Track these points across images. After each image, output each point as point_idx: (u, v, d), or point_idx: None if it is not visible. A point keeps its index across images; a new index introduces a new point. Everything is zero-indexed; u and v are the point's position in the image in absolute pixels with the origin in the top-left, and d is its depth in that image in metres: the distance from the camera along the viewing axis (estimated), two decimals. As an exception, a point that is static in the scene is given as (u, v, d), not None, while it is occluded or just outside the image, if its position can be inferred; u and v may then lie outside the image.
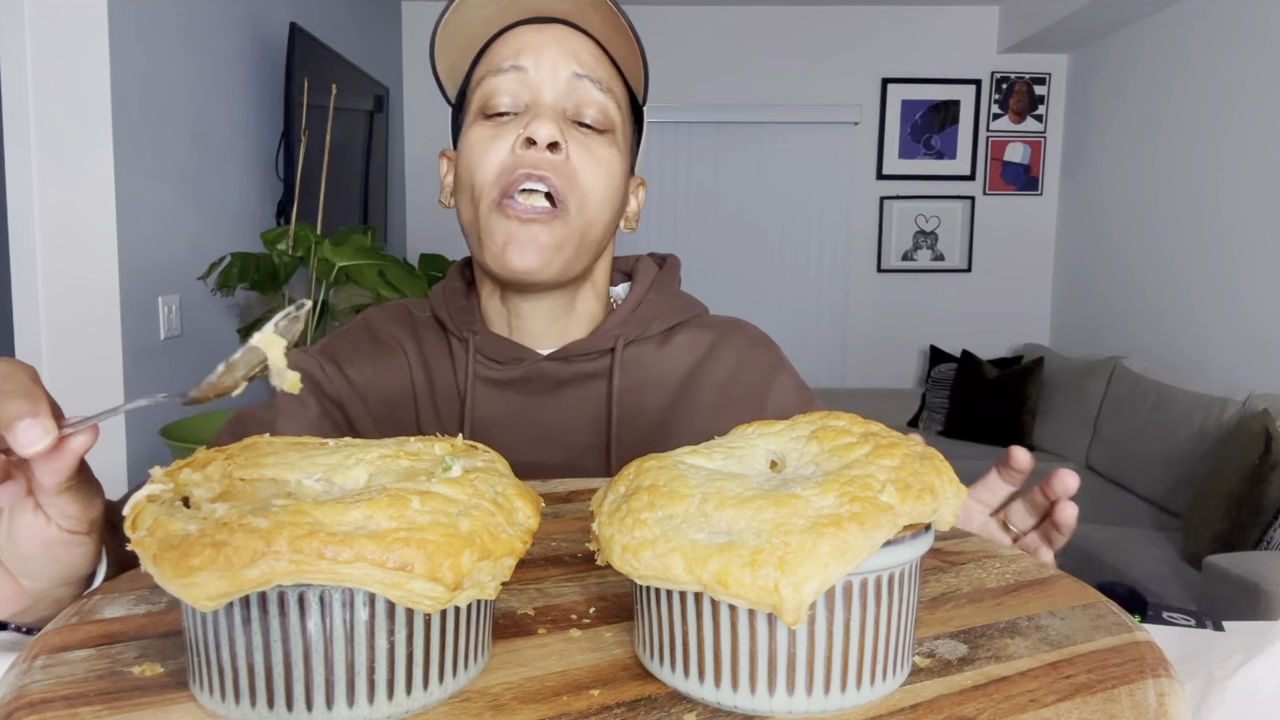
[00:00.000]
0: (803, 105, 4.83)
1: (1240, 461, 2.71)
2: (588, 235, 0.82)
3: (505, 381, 0.86)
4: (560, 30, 0.82)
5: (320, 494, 0.44)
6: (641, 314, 0.90)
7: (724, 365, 0.91)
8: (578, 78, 0.81)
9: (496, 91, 0.80)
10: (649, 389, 0.88)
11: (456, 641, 0.41)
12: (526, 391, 0.86)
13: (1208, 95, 3.64)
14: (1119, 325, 4.30)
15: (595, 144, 0.81)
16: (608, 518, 0.43)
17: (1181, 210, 3.81)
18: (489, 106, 0.81)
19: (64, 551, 0.50)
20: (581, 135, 0.81)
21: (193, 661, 0.41)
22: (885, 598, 0.40)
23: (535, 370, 0.86)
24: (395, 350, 0.90)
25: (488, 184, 0.80)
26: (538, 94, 0.80)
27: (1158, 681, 0.41)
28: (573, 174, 0.80)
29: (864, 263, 5.02)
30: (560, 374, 0.86)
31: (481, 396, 0.86)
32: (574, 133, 0.81)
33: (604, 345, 0.87)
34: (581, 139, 0.81)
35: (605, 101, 0.82)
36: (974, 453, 4.16)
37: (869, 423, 0.48)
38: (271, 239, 2.58)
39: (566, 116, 0.81)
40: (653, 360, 0.89)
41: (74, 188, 2.07)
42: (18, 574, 0.50)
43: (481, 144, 0.80)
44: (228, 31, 2.71)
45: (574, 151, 0.80)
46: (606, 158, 0.82)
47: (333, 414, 0.87)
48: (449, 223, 3.79)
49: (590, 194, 0.81)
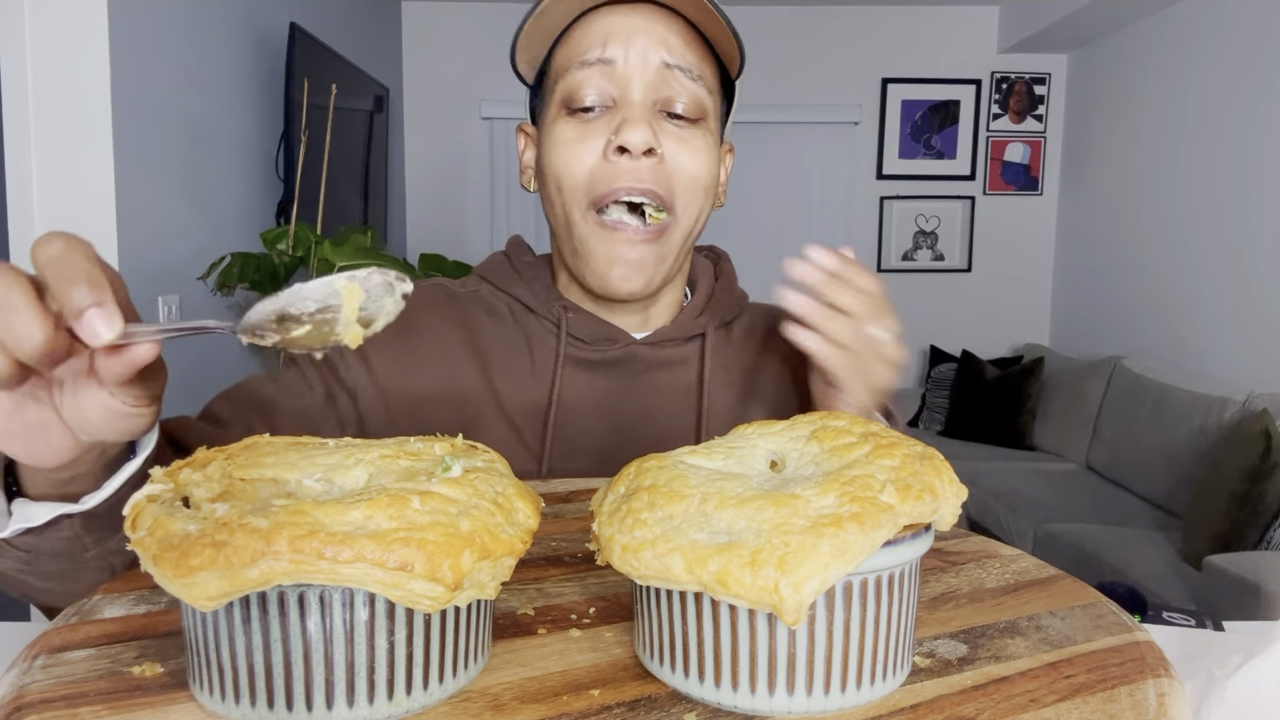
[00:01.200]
0: (803, 105, 4.83)
1: (1240, 461, 2.71)
2: (689, 235, 0.81)
3: (595, 362, 0.84)
4: (648, 11, 0.77)
5: (320, 494, 0.44)
6: (719, 300, 0.90)
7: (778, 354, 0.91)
8: (668, 68, 0.77)
9: (582, 85, 0.77)
10: (722, 380, 0.88)
11: (456, 641, 0.41)
12: (613, 375, 0.84)
13: (1208, 95, 3.64)
14: (1119, 325, 4.30)
15: (689, 136, 0.78)
16: (608, 518, 0.43)
17: (1181, 210, 3.81)
18: (574, 100, 0.77)
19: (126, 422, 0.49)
20: (674, 128, 0.78)
21: (193, 661, 0.41)
22: (885, 598, 0.40)
23: (628, 353, 0.84)
24: (433, 340, 0.85)
25: (578, 188, 0.78)
26: (626, 89, 0.76)
27: (1158, 681, 0.41)
28: (670, 176, 0.77)
29: (864, 263, 5.02)
30: (651, 358, 0.85)
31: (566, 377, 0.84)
32: (666, 127, 0.77)
33: (694, 331, 0.87)
34: (675, 132, 0.78)
35: (697, 90, 0.78)
36: (974, 453, 4.16)
37: (869, 423, 0.48)
38: (271, 239, 2.58)
39: (657, 108, 0.77)
40: (725, 351, 0.90)
41: (74, 188, 2.07)
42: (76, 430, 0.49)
43: (569, 145, 0.77)
44: (228, 31, 2.71)
45: (669, 149, 0.77)
46: (702, 148, 0.79)
47: (340, 401, 0.83)
48: (449, 223, 3.81)
49: (691, 192, 0.79)
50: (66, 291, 0.41)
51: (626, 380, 0.85)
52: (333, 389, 0.83)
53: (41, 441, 0.49)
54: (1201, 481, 2.91)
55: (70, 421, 0.48)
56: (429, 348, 0.85)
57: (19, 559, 0.58)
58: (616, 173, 0.76)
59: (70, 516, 0.56)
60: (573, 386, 0.84)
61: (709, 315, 0.88)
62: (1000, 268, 5.01)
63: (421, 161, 4.76)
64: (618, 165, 0.76)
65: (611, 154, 0.76)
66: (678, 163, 0.77)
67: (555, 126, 0.79)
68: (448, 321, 0.86)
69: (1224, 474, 2.75)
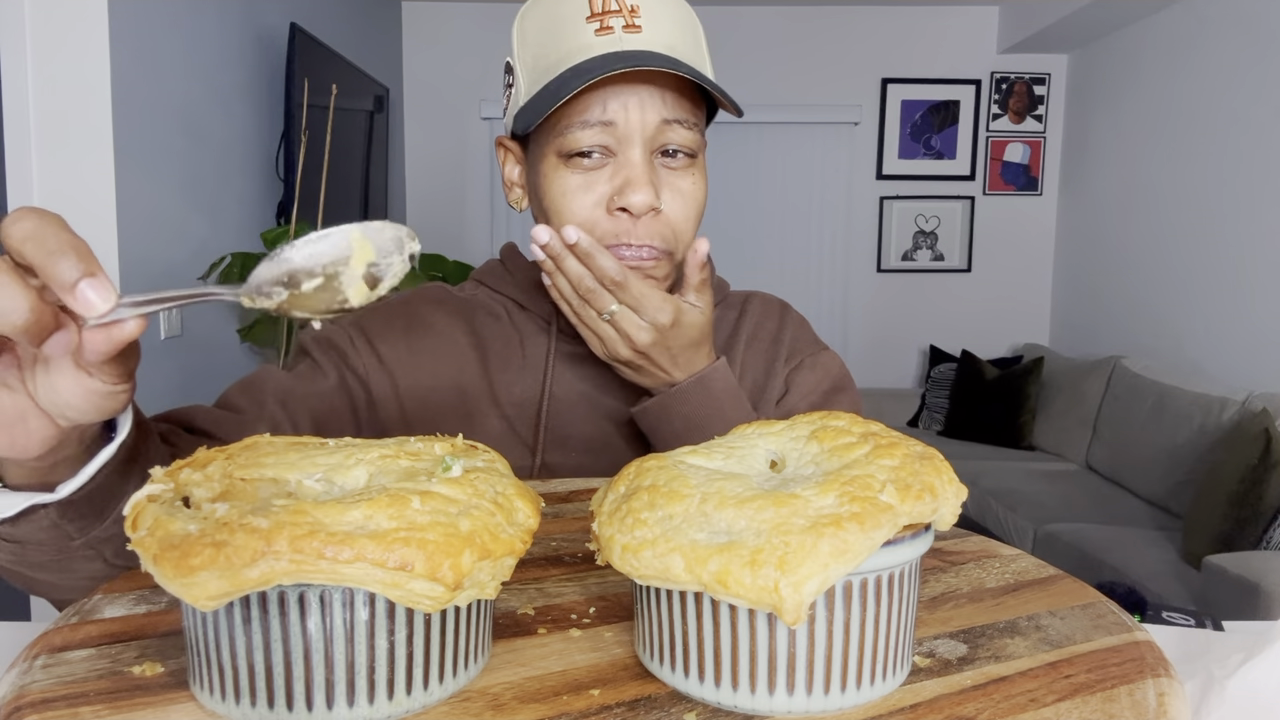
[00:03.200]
0: (803, 105, 4.83)
1: (1240, 461, 2.71)
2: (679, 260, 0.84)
3: (583, 357, 0.87)
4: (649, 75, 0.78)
5: (320, 494, 0.44)
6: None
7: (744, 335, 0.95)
8: (666, 123, 0.79)
9: (581, 142, 0.78)
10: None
11: (456, 641, 0.41)
12: (603, 368, 0.86)
13: (1208, 95, 3.64)
14: (1119, 325, 4.30)
15: (682, 180, 0.81)
16: (608, 518, 0.43)
17: (1181, 210, 3.81)
18: (571, 148, 0.78)
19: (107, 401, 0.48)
20: (669, 174, 0.81)
21: (193, 661, 0.41)
22: (885, 598, 0.40)
23: None
24: (438, 335, 0.89)
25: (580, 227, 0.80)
26: (627, 144, 0.78)
27: (1158, 681, 0.41)
28: (669, 225, 0.81)
29: (864, 263, 5.02)
30: None
31: (558, 370, 0.87)
32: (662, 175, 0.80)
33: None
34: (670, 180, 0.81)
35: (691, 136, 0.81)
36: (974, 453, 4.16)
37: (869, 423, 0.48)
38: (272, 239, 2.58)
39: (654, 155, 0.80)
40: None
41: (74, 188, 2.07)
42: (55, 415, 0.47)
43: (568, 195, 0.79)
44: (228, 31, 2.71)
45: (666, 201, 0.80)
46: (693, 190, 0.82)
47: (353, 387, 0.85)
48: (449, 223, 3.82)
49: (687, 231, 0.82)
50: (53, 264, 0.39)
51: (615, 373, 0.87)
52: (345, 376, 0.85)
53: (20, 432, 0.47)
54: (1201, 481, 2.91)
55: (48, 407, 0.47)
56: (434, 341, 0.88)
57: (9, 550, 0.57)
58: (618, 229, 0.79)
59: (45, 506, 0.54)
60: (564, 380, 0.87)
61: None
62: (1000, 268, 5.01)
63: (421, 161, 4.76)
64: (619, 221, 0.79)
65: (614, 208, 0.78)
66: (674, 210, 0.81)
67: (555, 175, 0.80)
68: (451, 317, 0.90)
69: (1224, 474, 2.75)
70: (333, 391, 0.85)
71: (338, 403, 0.85)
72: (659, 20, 0.78)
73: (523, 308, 0.90)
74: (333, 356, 0.86)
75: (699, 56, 0.82)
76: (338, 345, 0.87)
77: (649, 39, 0.77)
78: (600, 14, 0.77)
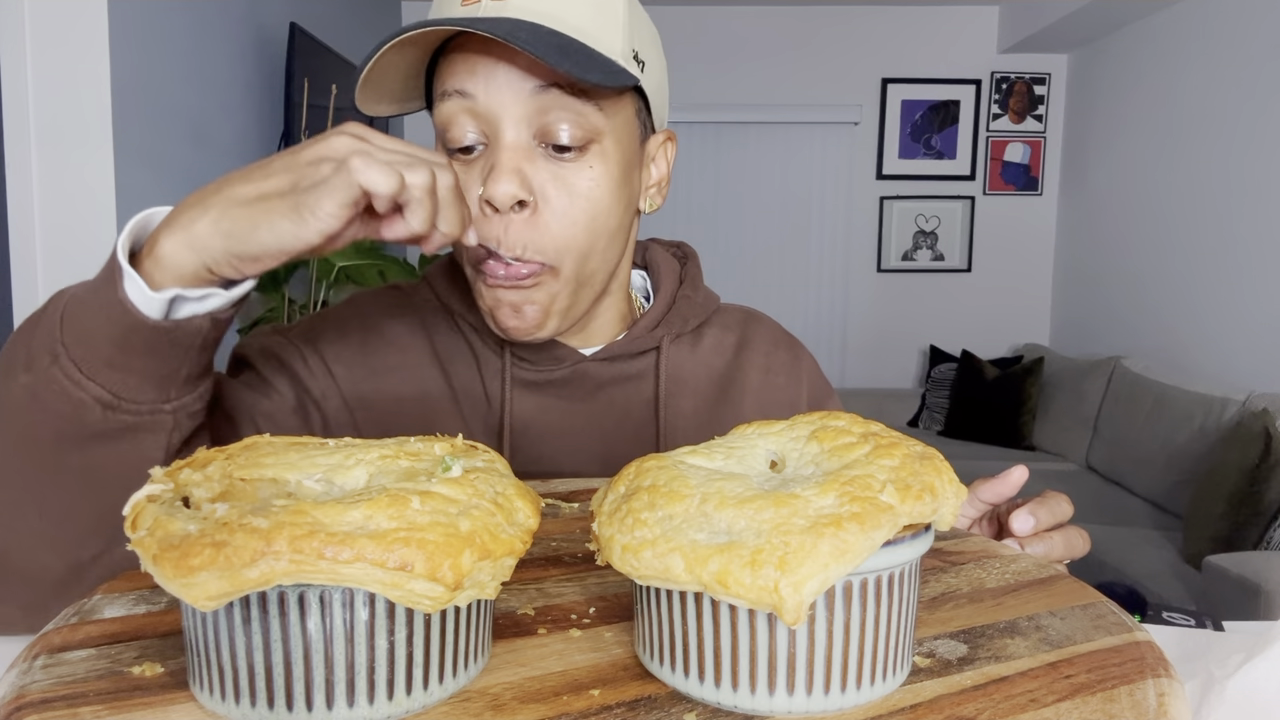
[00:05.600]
0: (803, 105, 4.83)
1: (1240, 461, 2.71)
2: (586, 274, 0.73)
3: (542, 383, 0.79)
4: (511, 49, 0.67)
5: (320, 494, 0.44)
6: (679, 310, 0.85)
7: (755, 367, 0.87)
8: (544, 89, 0.68)
9: (450, 125, 0.70)
10: (686, 392, 0.84)
11: (456, 641, 0.41)
12: (565, 395, 0.80)
13: (1208, 95, 3.64)
14: (1119, 325, 4.30)
15: (571, 173, 0.70)
16: (608, 518, 0.43)
17: (1181, 210, 3.81)
18: (450, 141, 0.71)
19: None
20: (554, 167, 0.70)
21: (193, 661, 0.41)
22: (885, 598, 0.40)
23: (577, 372, 0.80)
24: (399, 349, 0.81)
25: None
26: (495, 128, 0.69)
27: (1158, 681, 0.41)
28: (545, 226, 0.70)
29: (864, 263, 5.02)
30: (602, 375, 0.81)
31: (516, 400, 0.79)
32: (545, 166, 0.70)
33: (648, 345, 0.82)
34: (554, 172, 0.70)
35: (582, 109, 0.69)
36: (974, 453, 4.16)
37: (869, 423, 0.48)
38: (271, 239, 2.58)
39: (537, 142, 0.70)
40: (688, 361, 0.85)
41: (74, 188, 2.07)
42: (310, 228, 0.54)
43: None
44: (228, 31, 2.71)
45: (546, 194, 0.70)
46: (587, 187, 0.70)
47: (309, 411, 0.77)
48: (449, 223, 3.71)
49: (570, 239, 0.71)
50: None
51: (579, 400, 0.81)
52: (302, 399, 0.78)
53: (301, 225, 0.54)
54: (1201, 481, 2.91)
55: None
56: (394, 356, 0.80)
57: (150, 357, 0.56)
58: (488, 227, 0.69)
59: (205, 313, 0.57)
60: (524, 410, 0.79)
61: (666, 327, 0.83)
62: (1000, 268, 5.01)
63: (421, 161, 4.75)
64: (490, 219, 0.69)
65: (483, 205, 0.69)
66: (554, 210, 0.70)
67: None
68: (411, 328, 0.82)
69: (1224, 474, 2.75)
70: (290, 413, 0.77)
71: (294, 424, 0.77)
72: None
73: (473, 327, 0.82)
74: (286, 375, 0.77)
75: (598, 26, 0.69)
76: (285, 360, 0.78)
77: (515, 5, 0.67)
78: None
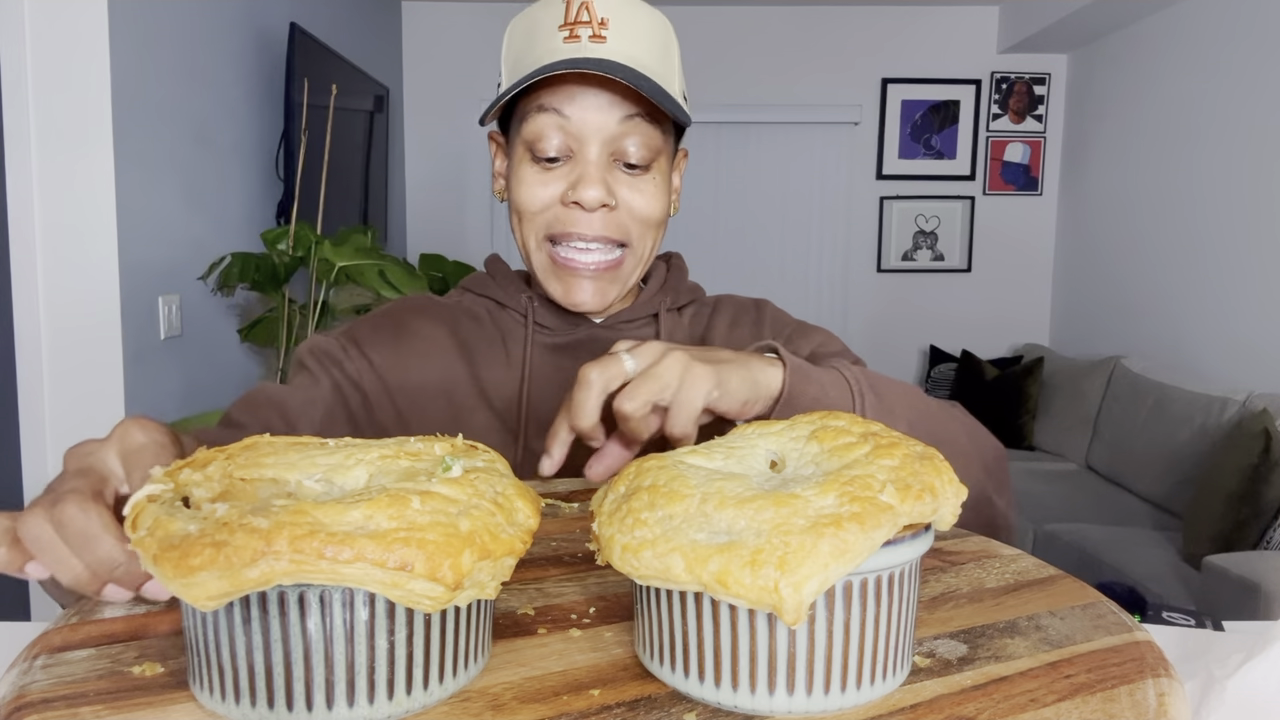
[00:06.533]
0: (803, 105, 4.83)
1: (1240, 461, 2.70)
2: (642, 261, 0.90)
3: (560, 346, 0.93)
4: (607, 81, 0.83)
5: (320, 494, 0.44)
6: (670, 287, 0.99)
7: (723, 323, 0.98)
8: (627, 118, 0.84)
9: (541, 137, 0.84)
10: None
11: (456, 641, 0.41)
12: (579, 355, 0.92)
13: (1208, 95, 3.64)
14: (1119, 325, 4.30)
15: (641, 183, 0.86)
16: (608, 518, 0.43)
17: (1181, 210, 3.81)
18: (535, 150, 0.85)
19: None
20: (627, 178, 0.86)
21: (193, 661, 0.41)
22: (885, 598, 0.40)
23: (590, 335, 0.93)
24: (425, 340, 0.94)
25: (535, 216, 0.86)
26: (583, 143, 0.84)
27: (1158, 681, 0.41)
28: (623, 220, 0.86)
29: (864, 263, 5.02)
30: (610, 338, 0.93)
31: (535, 358, 0.93)
32: (620, 177, 0.85)
33: (648, 311, 0.96)
34: (628, 181, 0.86)
35: (652, 133, 0.85)
36: (974, 453, 4.15)
37: (869, 423, 0.48)
38: (271, 239, 2.58)
39: (612, 159, 0.85)
40: (677, 330, 0.98)
41: (74, 188, 2.07)
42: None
43: (529, 185, 0.86)
44: (228, 31, 2.71)
45: (622, 197, 0.85)
46: (652, 191, 0.87)
47: (347, 392, 0.90)
48: (449, 223, 3.81)
49: (644, 230, 0.88)
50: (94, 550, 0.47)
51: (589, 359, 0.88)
52: (339, 381, 0.90)
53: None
54: (1201, 481, 2.91)
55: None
56: (421, 345, 0.94)
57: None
58: (572, 219, 0.85)
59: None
60: (542, 369, 0.92)
61: (661, 298, 0.97)
62: (1000, 268, 5.01)
63: (421, 161, 4.76)
64: (573, 213, 0.85)
65: (568, 201, 0.84)
66: (630, 208, 0.86)
67: (521, 167, 0.87)
68: (436, 323, 0.95)
69: (1224, 474, 2.75)
70: (328, 396, 0.89)
71: (334, 407, 0.89)
72: (625, 34, 0.84)
73: (502, 305, 0.95)
74: (326, 364, 0.91)
75: (665, 70, 0.86)
76: (330, 353, 0.92)
77: (611, 49, 0.83)
78: (571, 24, 0.84)
